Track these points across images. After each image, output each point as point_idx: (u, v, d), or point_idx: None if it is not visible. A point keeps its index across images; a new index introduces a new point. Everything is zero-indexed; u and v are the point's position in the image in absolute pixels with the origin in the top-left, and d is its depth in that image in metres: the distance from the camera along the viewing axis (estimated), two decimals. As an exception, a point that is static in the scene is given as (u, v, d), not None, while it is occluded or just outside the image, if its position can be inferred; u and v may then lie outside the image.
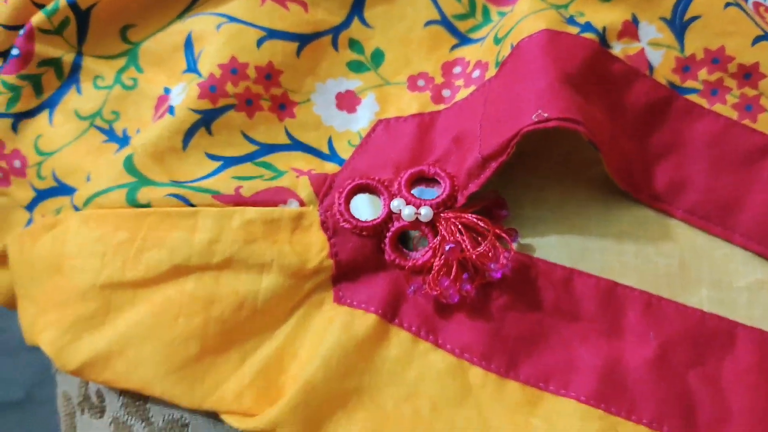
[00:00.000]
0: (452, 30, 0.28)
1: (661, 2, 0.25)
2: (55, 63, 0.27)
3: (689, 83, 0.26)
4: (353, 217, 0.24)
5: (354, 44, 0.28)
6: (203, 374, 0.23)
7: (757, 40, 0.25)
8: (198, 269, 0.23)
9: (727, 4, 0.25)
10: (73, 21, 0.27)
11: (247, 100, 0.26)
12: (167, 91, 0.27)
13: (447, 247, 0.23)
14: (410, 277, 0.24)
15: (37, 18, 0.27)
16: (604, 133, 0.24)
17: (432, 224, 0.24)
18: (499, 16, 0.28)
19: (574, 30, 0.25)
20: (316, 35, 0.27)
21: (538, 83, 0.23)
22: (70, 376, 0.27)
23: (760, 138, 0.25)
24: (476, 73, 0.26)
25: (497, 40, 0.26)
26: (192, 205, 0.24)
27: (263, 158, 0.26)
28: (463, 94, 0.26)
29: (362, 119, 0.27)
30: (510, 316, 0.24)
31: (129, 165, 0.25)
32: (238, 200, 0.24)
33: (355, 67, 0.27)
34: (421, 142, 0.26)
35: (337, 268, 0.24)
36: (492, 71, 0.25)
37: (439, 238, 0.24)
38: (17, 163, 0.28)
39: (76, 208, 0.25)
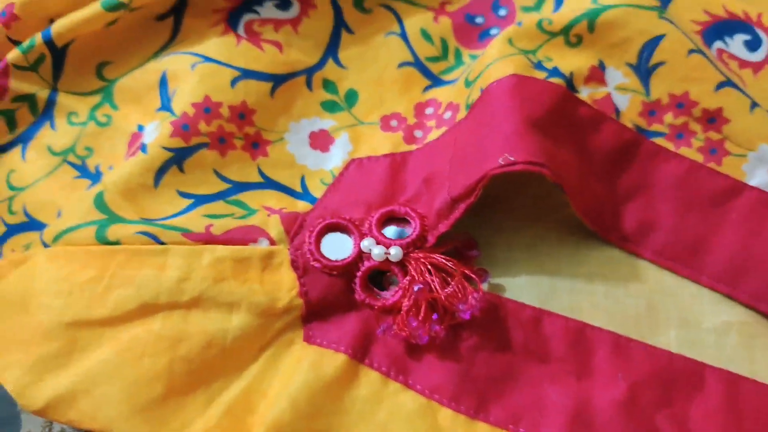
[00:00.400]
0: (425, 72, 0.29)
1: (627, 48, 0.26)
2: (29, 99, 0.28)
3: (655, 127, 0.26)
4: (323, 257, 0.24)
5: (328, 84, 0.28)
6: (169, 415, 0.23)
7: (721, 86, 0.26)
8: (166, 308, 0.23)
9: (690, 51, 0.25)
10: (48, 58, 0.27)
11: (220, 138, 0.26)
12: (140, 128, 0.27)
13: (416, 288, 0.23)
14: (380, 317, 0.24)
15: (13, 54, 0.27)
16: (571, 175, 0.24)
17: (402, 264, 0.24)
18: (471, 58, 0.29)
19: (541, 75, 0.25)
20: (291, 75, 0.28)
21: (505, 126, 0.23)
22: (33, 417, 0.26)
23: (724, 181, 0.26)
24: (447, 114, 0.27)
25: (468, 83, 0.27)
26: (162, 243, 0.24)
27: (235, 196, 0.26)
28: (434, 134, 0.27)
29: (335, 158, 0.27)
30: (480, 357, 0.23)
31: (99, 202, 0.25)
32: (208, 238, 0.24)
33: (329, 106, 0.28)
34: (392, 181, 0.26)
35: (307, 307, 0.24)
36: (462, 113, 0.26)
37: (408, 278, 0.24)
38: None
39: (45, 245, 0.25)
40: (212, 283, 0.23)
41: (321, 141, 0.28)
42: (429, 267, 0.24)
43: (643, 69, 0.26)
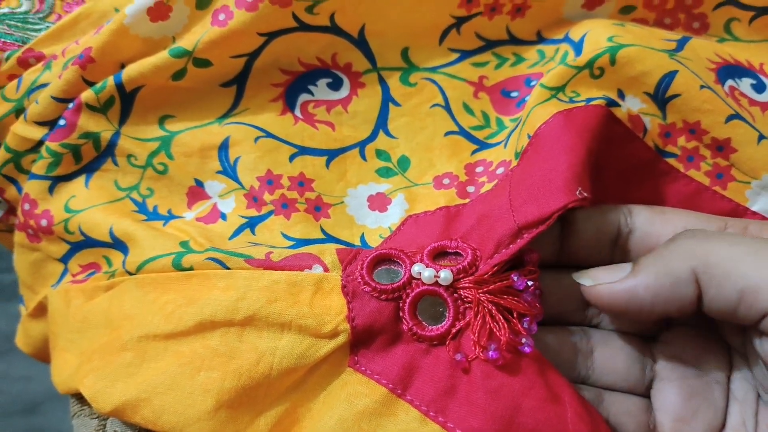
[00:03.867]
0: (470, 138, 0.30)
1: (645, 81, 0.27)
2: (94, 137, 0.30)
3: (669, 148, 0.28)
4: (374, 281, 0.24)
5: (381, 153, 0.30)
6: (219, 428, 0.23)
7: (730, 118, 0.27)
8: (222, 325, 0.24)
9: (702, 87, 0.27)
10: (117, 101, 0.29)
11: (283, 204, 0.28)
12: (198, 183, 0.29)
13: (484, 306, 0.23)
14: (428, 350, 0.24)
15: (87, 94, 0.29)
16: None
17: (453, 290, 0.24)
18: (513, 122, 0.30)
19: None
20: (343, 150, 0.30)
21: (571, 158, 0.24)
22: (87, 421, 0.28)
23: (727, 204, 0.27)
24: (500, 170, 0.28)
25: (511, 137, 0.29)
26: (227, 268, 0.25)
27: (298, 249, 0.27)
28: (487, 188, 0.28)
29: (393, 216, 0.29)
30: (528, 404, 0.23)
31: (185, 245, 0.27)
32: (267, 265, 0.25)
33: (384, 172, 0.30)
34: (447, 229, 0.26)
35: (354, 333, 0.24)
36: (514, 163, 0.27)
37: (471, 308, 0.24)
38: (44, 222, 0.30)
39: (129, 273, 0.27)
40: (265, 303, 0.24)
41: (379, 203, 0.29)
42: (482, 295, 0.24)
43: (660, 98, 0.28)
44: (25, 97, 0.31)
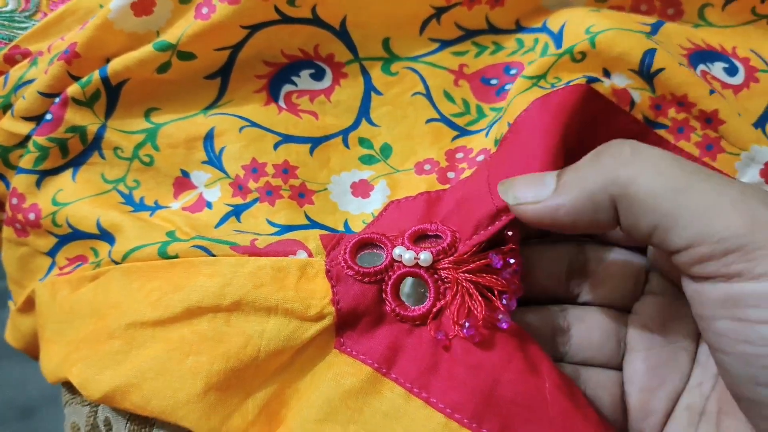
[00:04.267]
0: (451, 125, 0.31)
1: (628, 59, 0.28)
2: (80, 130, 0.30)
3: (660, 119, 0.29)
4: (356, 264, 0.25)
5: (363, 141, 0.31)
6: (209, 409, 0.24)
7: (712, 92, 0.28)
8: (210, 311, 0.25)
9: (680, 64, 0.28)
10: (103, 95, 0.30)
11: (267, 191, 0.29)
12: (184, 173, 0.30)
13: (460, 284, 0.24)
14: (411, 329, 0.24)
15: (73, 88, 0.29)
16: None
17: (433, 271, 0.25)
18: (493, 111, 0.31)
19: None
20: (327, 138, 0.30)
21: (547, 141, 0.25)
22: (78, 409, 0.29)
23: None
24: (480, 158, 0.29)
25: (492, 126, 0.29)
26: (213, 255, 0.26)
27: (283, 236, 0.27)
28: (467, 174, 0.28)
29: (375, 202, 0.29)
30: (506, 378, 0.23)
31: (171, 235, 0.28)
32: (252, 251, 0.26)
33: (366, 160, 0.30)
34: (428, 213, 0.27)
35: (339, 315, 0.24)
36: (493, 150, 0.28)
37: (450, 287, 0.24)
38: (32, 216, 0.30)
39: (115, 262, 0.27)
40: (252, 288, 0.24)
41: (361, 189, 0.30)
42: (461, 274, 0.24)
43: (645, 73, 0.28)
44: (12, 93, 0.31)
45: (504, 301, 0.24)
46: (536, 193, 0.22)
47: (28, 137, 0.31)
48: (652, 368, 0.24)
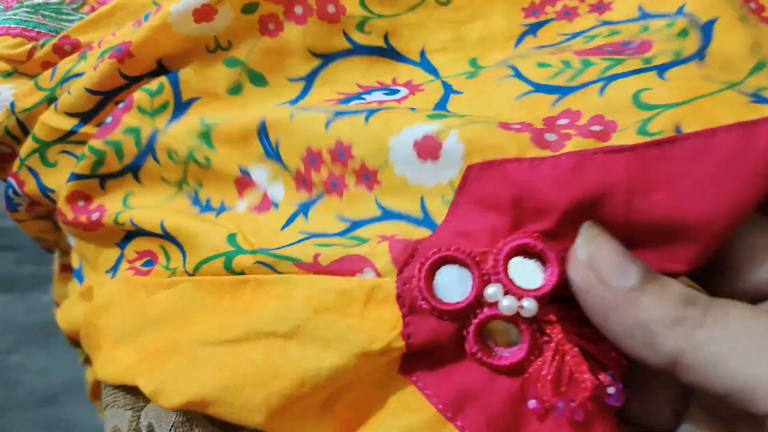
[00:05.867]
0: (547, 89, 0.24)
1: None
2: (135, 132, 0.29)
3: None
4: (434, 297, 0.21)
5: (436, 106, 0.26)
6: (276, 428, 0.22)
7: None
8: (266, 337, 0.22)
9: None
10: (171, 107, 0.29)
11: (333, 182, 0.25)
12: (244, 171, 0.28)
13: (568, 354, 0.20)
14: (490, 377, 0.20)
15: (140, 96, 0.28)
16: None
17: (532, 320, 0.20)
18: (606, 61, 0.24)
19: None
20: (388, 108, 0.26)
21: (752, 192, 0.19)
22: (121, 413, 0.28)
23: None
24: (596, 128, 0.22)
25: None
26: (277, 272, 0.23)
27: (353, 233, 0.24)
28: (577, 143, 0.21)
29: (449, 165, 0.22)
30: None
31: (232, 240, 0.26)
32: (316, 269, 0.23)
33: (433, 117, 0.24)
34: (525, 197, 0.21)
35: (409, 350, 0.21)
36: (627, 129, 0.21)
37: (552, 345, 0.20)
38: (95, 216, 0.30)
39: (188, 273, 0.26)
40: (312, 314, 0.22)
41: (427, 149, 0.22)
42: (572, 335, 0.20)
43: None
44: (59, 87, 0.30)
45: (610, 377, 0.20)
46: (614, 274, 0.19)
47: (70, 132, 0.30)
48: None
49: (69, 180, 0.30)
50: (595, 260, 0.19)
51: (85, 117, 0.30)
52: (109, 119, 0.29)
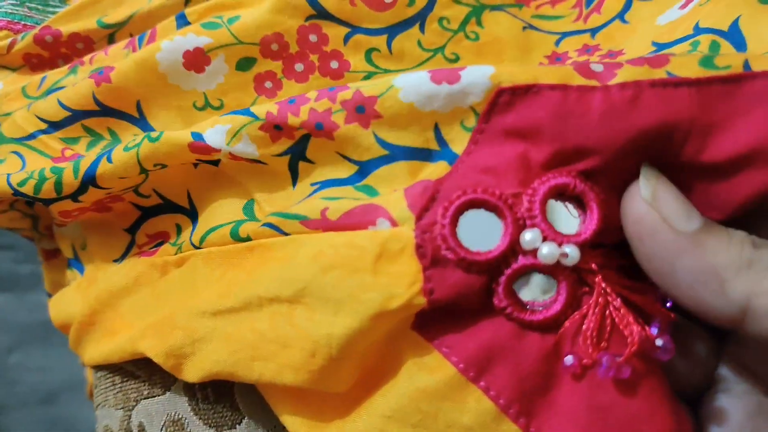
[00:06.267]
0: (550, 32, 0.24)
1: None
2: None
3: None
4: (460, 245, 0.18)
5: (442, 20, 0.25)
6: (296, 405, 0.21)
7: None
8: (269, 302, 0.20)
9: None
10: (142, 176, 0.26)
11: (317, 124, 0.21)
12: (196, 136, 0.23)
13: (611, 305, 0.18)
14: (519, 333, 0.18)
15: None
16: None
17: (572, 269, 0.18)
18: None
19: None
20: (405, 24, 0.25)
21: None
22: (112, 411, 0.27)
23: None
24: (648, 54, 0.20)
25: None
26: (285, 234, 0.21)
27: (364, 181, 0.21)
28: (630, 72, 0.18)
29: (473, 87, 0.19)
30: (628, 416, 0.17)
31: (248, 208, 0.24)
32: (326, 225, 0.20)
33: (449, 38, 0.24)
34: (569, 131, 0.18)
35: (431, 305, 0.18)
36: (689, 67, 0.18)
37: (594, 295, 0.18)
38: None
39: (194, 246, 0.24)
40: (318, 272, 0.19)
41: (445, 71, 0.19)
42: (615, 285, 0.18)
43: None
44: (44, 97, 0.29)
45: (655, 330, 0.18)
46: (681, 216, 0.18)
47: (31, 136, 0.28)
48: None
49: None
50: (660, 200, 0.18)
51: (52, 125, 0.28)
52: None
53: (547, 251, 0.17)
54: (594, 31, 0.26)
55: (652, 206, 0.18)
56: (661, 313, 0.18)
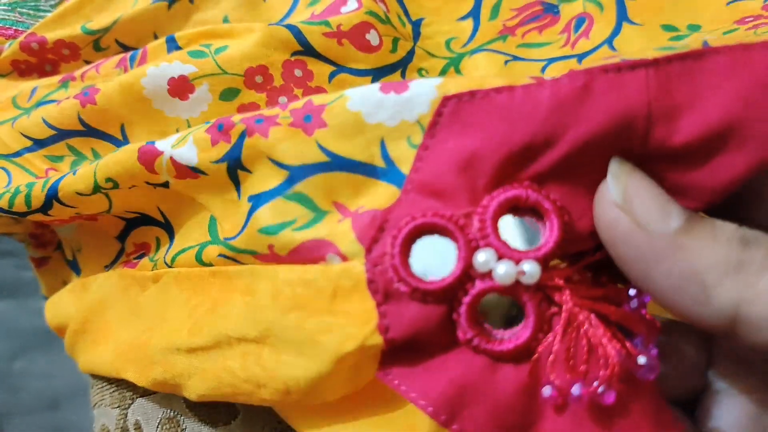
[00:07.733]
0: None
1: None
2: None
3: None
4: (413, 276, 0.16)
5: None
6: None
7: None
8: (238, 342, 0.19)
9: None
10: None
11: (256, 120, 0.19)
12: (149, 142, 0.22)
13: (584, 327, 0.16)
14: (491, 366, 0.16)
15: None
16: None
17: (536, 288, 0.16)
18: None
19: None
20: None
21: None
22: (108, 410, 0.28)
23: None
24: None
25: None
26: (242, 263, 0.20)
27: (295, 187, 0.19)
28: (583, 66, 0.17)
29: (419, 99, 0.17)
30: None
31: (212, 228, 0.23)
32: (277, 260, 0.19)
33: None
34: (517, 134, 0.16)
35: (388, 346, 0.17)
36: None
37: (563, 314, 0.16)
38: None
39: (167, 264, 0.24)
40: (279, 315, 0.18)
41: (394, 83, 0.18)
42: (586, 300, 0.16)
43: None
44: (33, 109, 0.29)
45: (638, 346, 0.16)
46: (655, 216, 0.16)
47: (17, 154, 0.28)
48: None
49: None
50: (632, 201, 0.16)
51: (37, 143, 0.28)
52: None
53: (504, 271, 0.16)
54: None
55: (623, 209, 0.16)
56: (644, 323, 0.16)
